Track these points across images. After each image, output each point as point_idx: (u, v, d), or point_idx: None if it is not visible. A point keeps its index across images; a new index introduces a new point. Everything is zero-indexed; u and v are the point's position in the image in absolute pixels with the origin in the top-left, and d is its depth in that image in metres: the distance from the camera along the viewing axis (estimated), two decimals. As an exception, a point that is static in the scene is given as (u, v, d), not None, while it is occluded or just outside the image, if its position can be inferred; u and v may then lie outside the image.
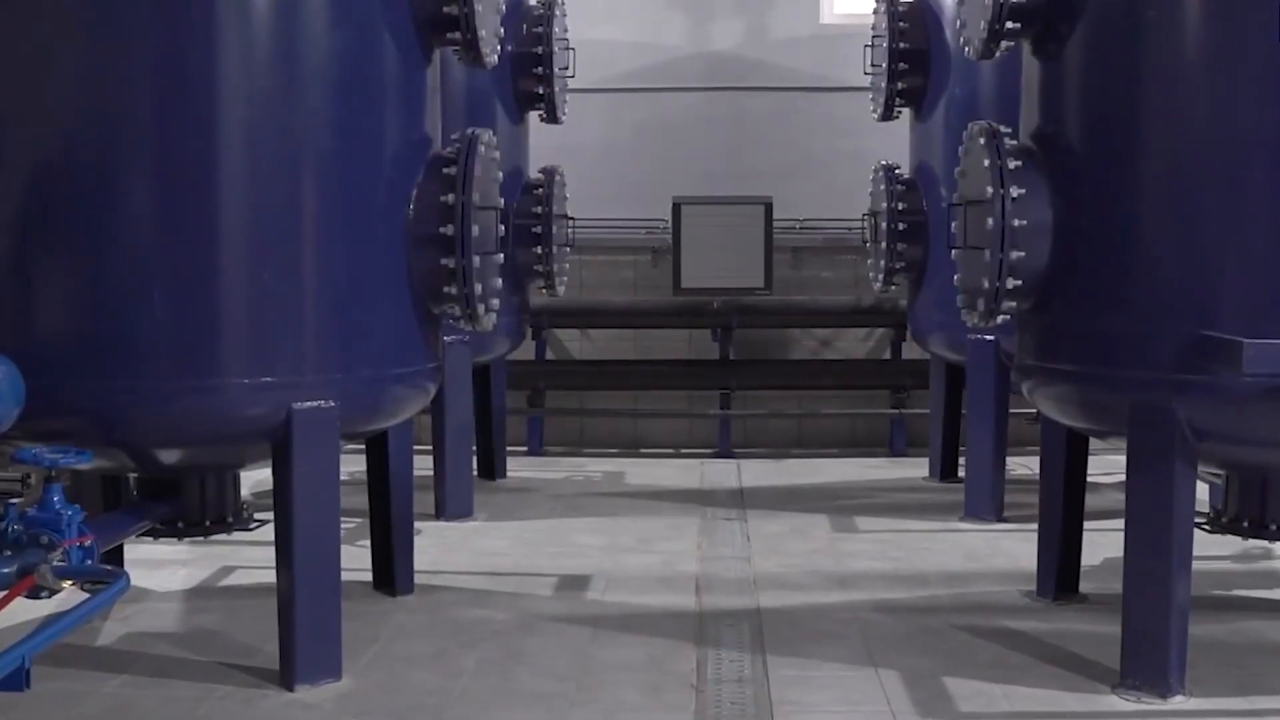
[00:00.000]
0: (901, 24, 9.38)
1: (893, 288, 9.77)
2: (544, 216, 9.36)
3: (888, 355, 12.17)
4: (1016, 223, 5.78)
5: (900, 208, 9.42)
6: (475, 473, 9.91)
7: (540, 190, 9.45)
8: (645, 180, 12.19)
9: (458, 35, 6.06)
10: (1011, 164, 5.86)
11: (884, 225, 9.50)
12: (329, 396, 5.56)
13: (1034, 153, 5.99)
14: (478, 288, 5.95)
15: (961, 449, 9.92)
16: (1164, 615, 5.45)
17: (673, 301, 11.93)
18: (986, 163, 5.89)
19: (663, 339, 12.21)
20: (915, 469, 10.77)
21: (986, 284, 5.88)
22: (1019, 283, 5.84)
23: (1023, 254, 5.79)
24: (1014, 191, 5.80)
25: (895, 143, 10.18)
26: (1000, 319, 6.03)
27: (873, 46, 9.83)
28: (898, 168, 9.67)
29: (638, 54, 12.34)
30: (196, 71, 5.37)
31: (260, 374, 5.46)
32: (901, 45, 9.36)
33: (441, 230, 5.89)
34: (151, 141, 5.36)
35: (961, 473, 9.89)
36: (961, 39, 6.59)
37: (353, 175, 5.71)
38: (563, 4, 9.72)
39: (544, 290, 9.69)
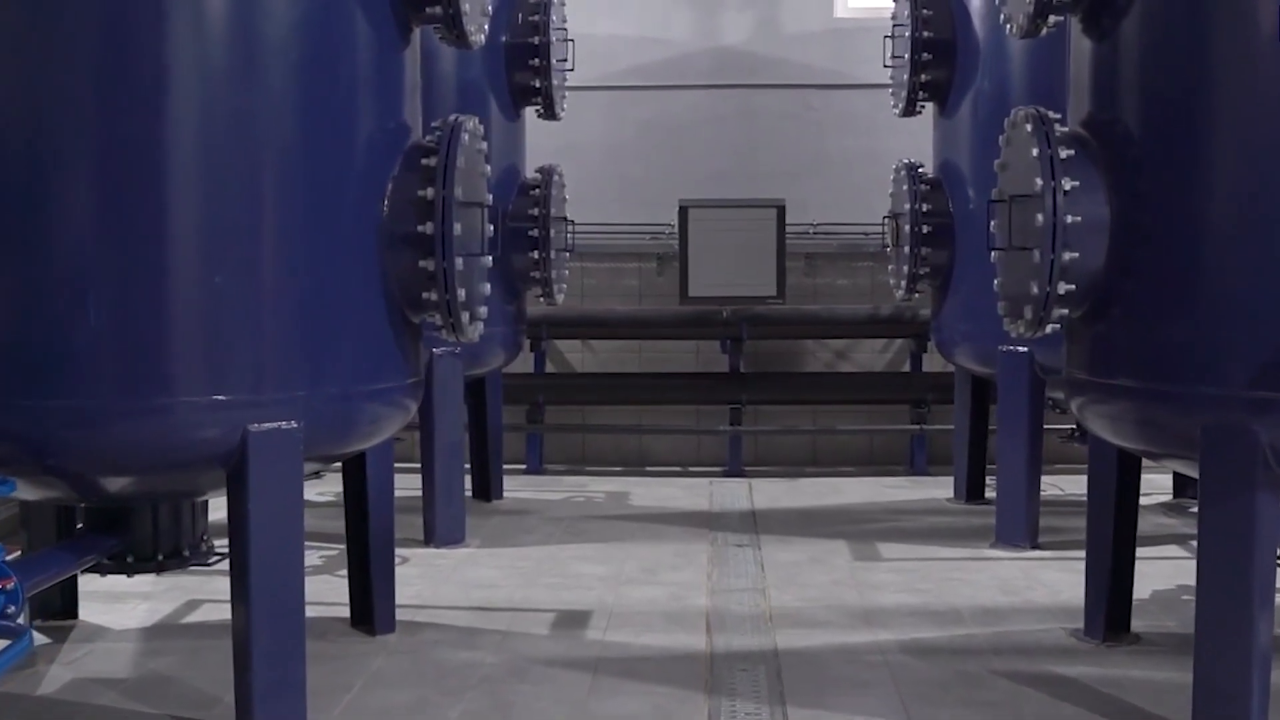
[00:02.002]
0: (925, 11, 8.75)
1: (916, 295, 9.15)
2: (541, 219, 8.76)
3: (907, 368, 11.65)
4: (1070, 219, 5.13)
5: (924, 209, 8.80)
6: (469, 494, 9.33)
7: (537, 191, 8.86)
8: (650, 182, 11.68)
9: (438, 10, 5.42)
10: (1063, 153, 5.21)
11: (906, 228, 8.89)
12: (291, 417, 4.91)
13: (1087, 142, 5.33)
14: (460, 293, 5.31)
15: (989, 468, 9.40)
16: (1243, 665, 4.76)
17: (679, 311, 11.43)
18: (1035, 152, 5.24)
19: (669, 351, 11.71)
20: (938, 489, 10.15)
21: (1035, 289, 5.22)
22: (1072, 287, 5.18)
23: (1076, 255, 5.14)
24: (1066, 184, 5.15)
25: (915, 142, 9.63)
26: (1050, 328, 5.37)
27: (893, 37, 9.22)
28: (920, 166, 9.06)
29: (642, 49, 11.82)
30: (138, 45, 4.72)
31: (212, 391, 4.81)
32: (925, 34, 8.74)
33: (420, 229, 5.25)
34: (87, 126, 4.71)
35: (989, 494, 9.39)
36: (1002, 16, 5.94)
37: (318, 166, 5.06)
38: (561, -10, 9.11)
39: (542, 298, 9.10)
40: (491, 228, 5.79)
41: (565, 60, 9.11)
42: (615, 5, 11.68)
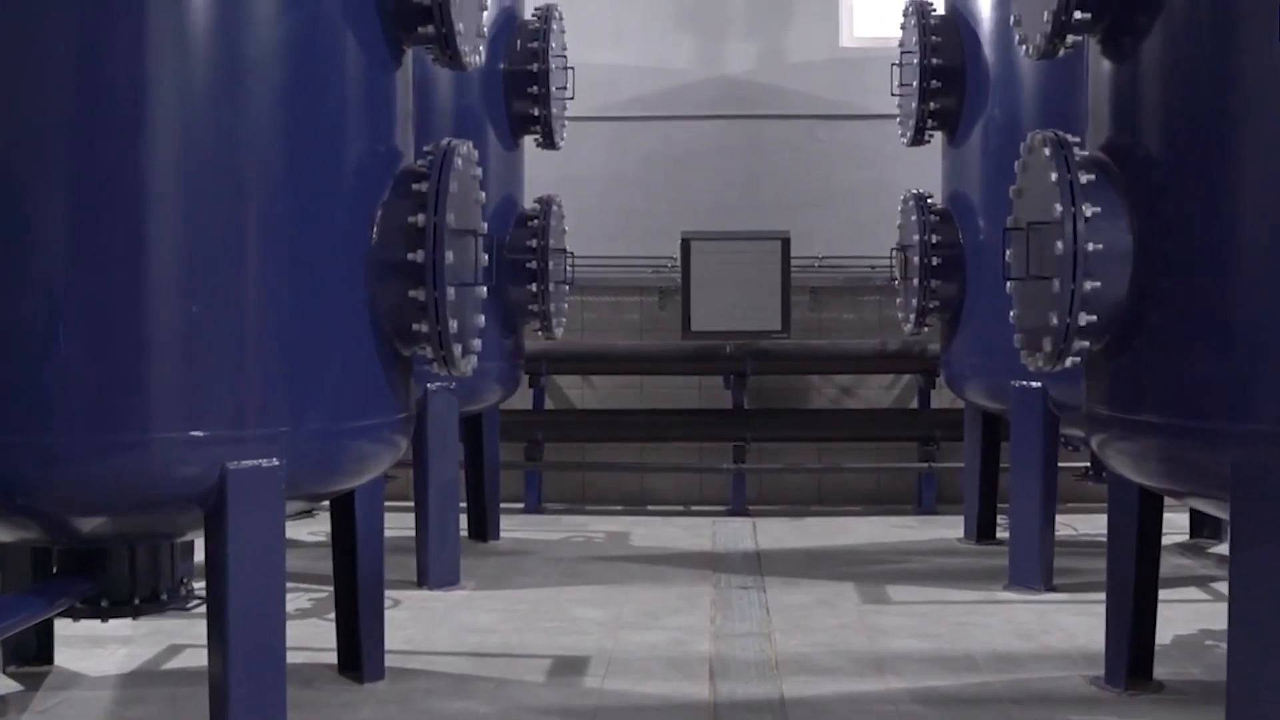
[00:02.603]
0: (934, 38, 8.54)
1: (925, 329, 8.90)
2: (539, 250, 8.54)
3: (915, 404, 11.37)
4: (1091, 247, 4.90)
5: (934, 241, 8.56)
6: (465, 534, 9.06)
7: (535, 222, 8.63)
8: (652, 215, 11.43)
9: (430, 29, 5.20)
10: (1083, 178, 4.99)
11: (915, 260, 8.65)
12: (272, 454, 4.67)
13: (1107, 166, 5.11)
14: (452, 324, 5.07)
15: (1000, 507, 9.14)
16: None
17: (682, 346, 11.18)
18: (1054, 177, 5.01)
19: (671, 386, 11.43)
20: (948, 529, 9.85)
21: (1054, 320, 4.98)
22: (1093, 318, 4.95)
23: (1098, 284, 4.91)
24: (1087, 210, 4.93)
25: (923, 173, 9.42)
26: (1070, 361, 5.13)
27: (901, 65, 9.01)
28: (929, 197, 8.83)
29: (644, 79, 11.58)
30: (116, 64, 4.51)
31: (188, 427, 4.57)
32: (934, 62, 8.52)
33: (410, 257, 5.02)
34: (59, 149, 4.50)
35: (1000, 534, 9.11)
36: (1017, 37, 5.72)
37: (304, 191, 4.84)
38: (561, 19, 8.91)
39: (540, 332, 8.86)
40: (486, 257, 5.57)
41: (565, 88, 8.91)
42: (617, 35, 11.46)
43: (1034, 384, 7.79)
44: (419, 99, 7.99)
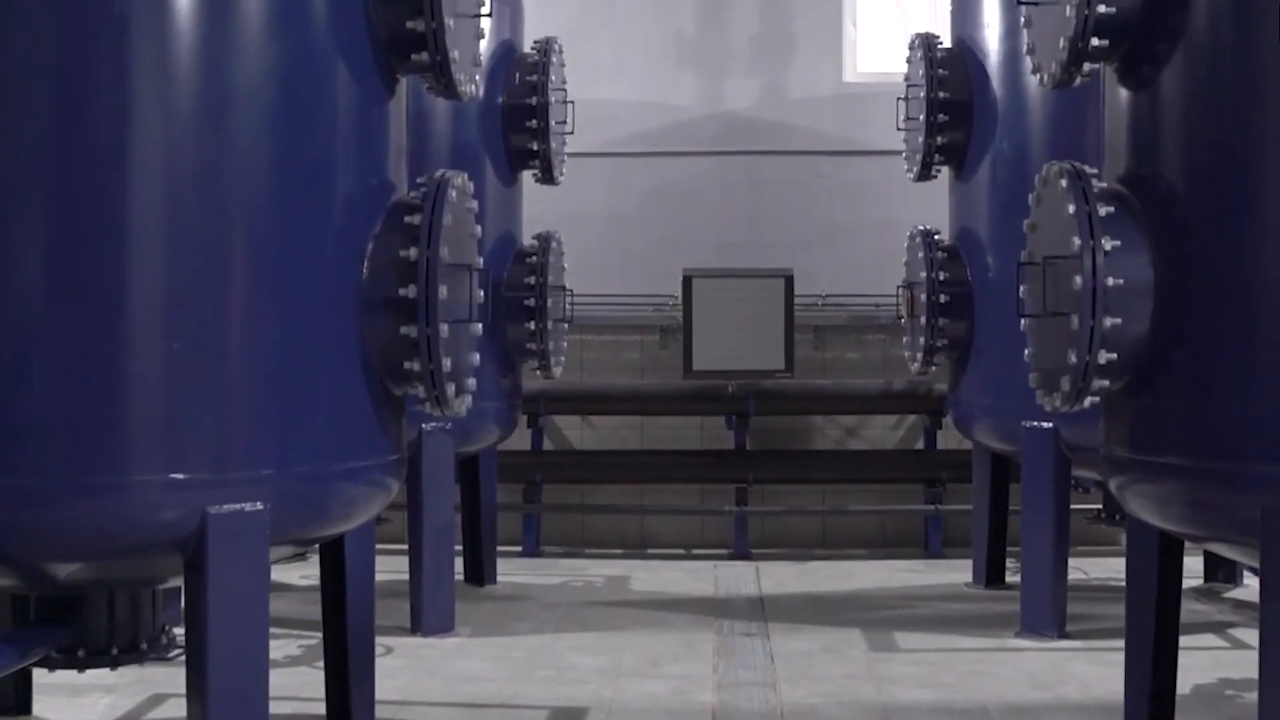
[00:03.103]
0: (940, 71, 8.40)
1: (932, 369, 8.71)
2: (538, 288, 8.36)
3: (921, 445, 11.19)
4: (1111, 282, 4.69)
5: (941, 278, 8.38)
6: (461, 578, 8.86)
7: (534, 259, 8.46)
8: (653, 252, 11.28)
9: (424, 56, 5.01)
10: (1102, 210, 4.79)
11: (923, 298, 8.47)
12: (256, 498, 4.45)
13: (1127, 199, 4.91)
14: (446, 363, 4.86)
15: (1010, 550, 8.95)
16: (1314, 779, 4.28)
17: (683, 386, 10.99)
18: (1071, 209, 4.81)
19: (672, 427, 11.24)
20: (956, 573, 9.65)
21: (1073, 358, 4.77)
22: (1113, 356, 4.74)
23: (1118, 320, 4.70)
24: (1107, 244, 4.73)
25: (929, 211, 9.26)
26: (1089, 401, 4.92)
27: (907, 99, 8.85)
28: (937, 233, 8.66)
29: (645, 114, 11.46)
30: (98, 87, 4.32)
31: (168, 469, 4.35)
32: (941, 95, 8.37)
33: (401, 292, 4.82)
34: (35, 178, 4.30)
35: (1010, 578, 8.92)
36: (1031, 65, 5.54)
37: (291, 224, 4.64)
38: (560, 52, 8.76)
39: (538, 371, 8.68)
40: (482, 293, 5.37)
41: (564, 122, 8.76)
42: (618, 70, 11.34)
43: (1045, 425, 7.61)
44: (415, 132, 7.84)
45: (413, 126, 7.80)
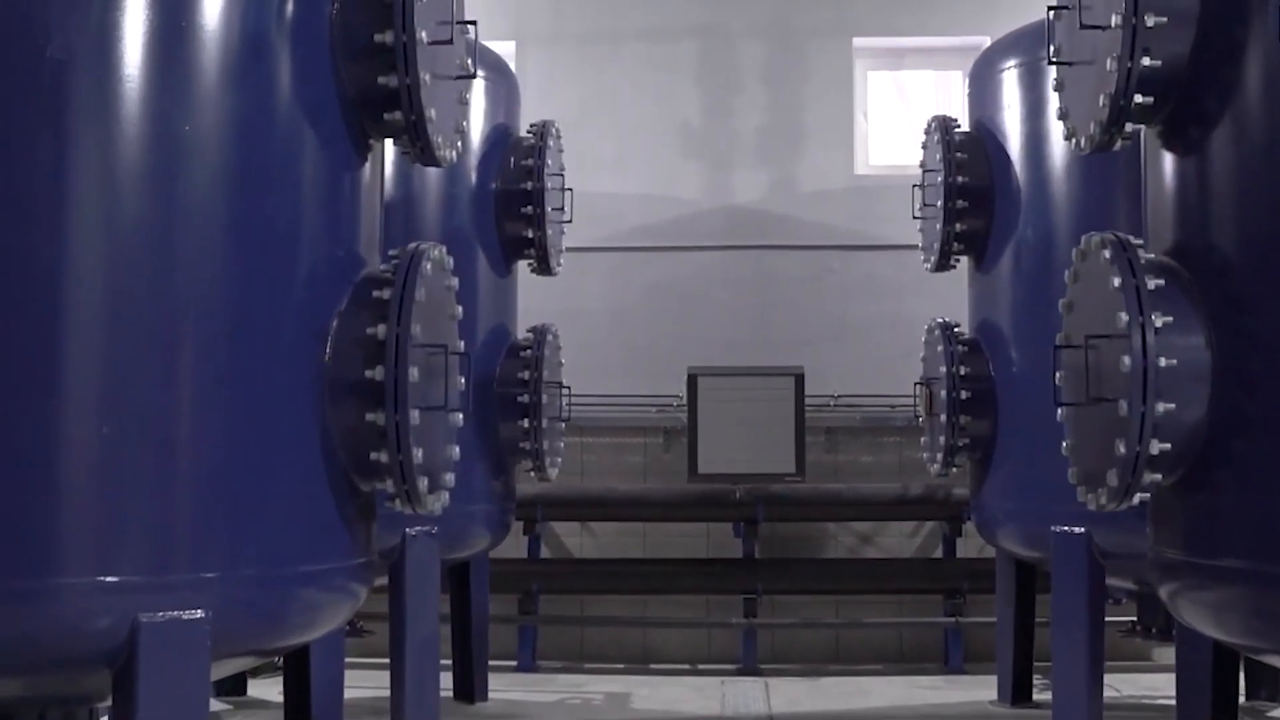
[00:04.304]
0: (959, 155, 7.98)
1: (954, 470, 8.21)
2: (532, 383, 7.89)
3: (939, 553, 10.67)
4: (1163, 362, 4.20)
5: (962, 373, 7.90)
6: (450, 694, 8.30)
7: (528, 352, 8.00)
8: (657, 350, 10.84)
9: (398, 115, 4.57)
10: (1151, 283, 4.31)
11: (943, 394, 7.99)
12: (197, 604, 3.94)
13: (1176, 271, 4.44)
14: (417, 453, 4.37)
15: (1038, 665, 8.40)
16: None
17: (688, 490, 10.53)
18: (1116, 281, 4.34)
19: (676, 534, 10.75)
20: (979, 690, 9.07)
21: (1122, 449, 4.27)
22: (1166, 446, 4.24)
23: (1172, 406, 4.21)
24: (1158, 320, 4.24)
25: (944, 307, 8.85)
26: (1138, 498, 4.41)
27: (923, 185, 8.44)
28: (956, 326, 8.20)
29: (649, 208, 11.07)
30: (28, 141, 3.87)
31: (95, 571, 3.85)
32: (960, 180, 7.94)
33: (368, 374, 4.34)
34: (-46, 241, 3.85)
35: (1039, 695, 8.36)
36: (1065, 130, 5.09)
37: (246, 297, 4.19)
38: (558, 137, 8.38)
39: (533, 473, 8.18)
40: (462, 380, 4.90)
41: (562, 210, 8.36)
42: (620, 161, 11.00)
43: (1077, 529, 7.08)
44: (404, 217, 7.47)
45: (401, 211, 7.48)
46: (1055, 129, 7.39)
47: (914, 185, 8.65)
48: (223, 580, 4.05)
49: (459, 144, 5.12)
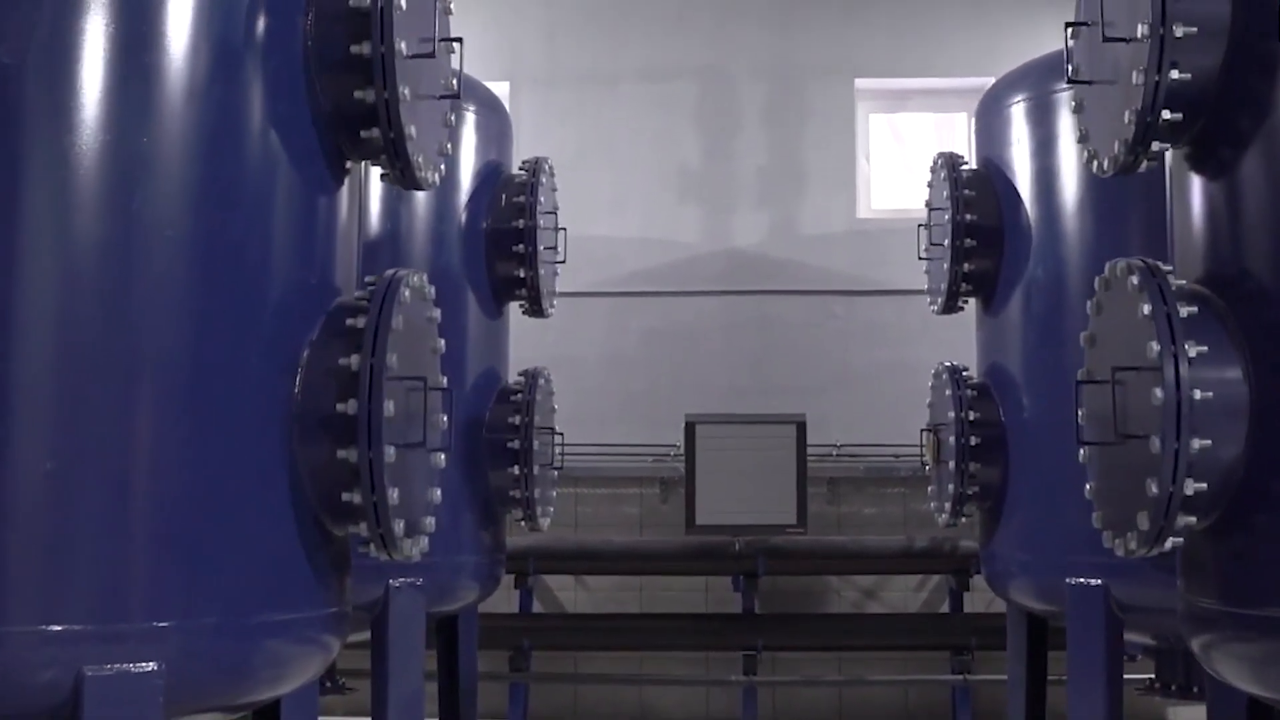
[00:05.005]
0: (967, 192, 7.67)
1: (962, 520, 7.89)
2: (523, 429, 7.56)
3: (946, 608, 10.46)
4: (1199, 395, 3.90)
5: (972, 418, 7.57)
6: (436, 755, 7.96)
7: (519, 396, 7.67)
8: (654, 398, 10.66)
9: (376, 134, 4.28)
10: (1184, 311, 4.01)
11: (951, 441, 7.65)
12: (149, 656, 3.61)
13: (1209, 299, 4.14)
14: (392, 494, 4.05)
15: (1051, 726, 8.05)
16: None
17: (686, 542, 10.27)
18: (1146, 309, 4.03)
19: (674, 588, 10.56)
20: (989, 751, 8.75)
21: (1154, 489, 3.95)
22: (1202, 486, 3.93)
23: (1208, 442, 3.90)
24: (1191, 350, 3.94)
25: (949, 354, 8.51)
26: (1170, 543, 4.09)
27: (929, 225, 8.14)
28: (965, 370, 7.89)
29: (646, 251, 10.91)
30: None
31: (37, 619, 3.52)
32: (968, 218, 7.63)
33: (339, 408, 4.03)
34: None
35: (1053, 757, 7.98)
36: (1085, 153, 4.81)
37: (207, 326, 3.87)
38: (552, 174, 8.10)
39: (524, 523, 7.84)
40: (445, 418, 4.61)
41: (555, 249, 8.06)
42: (617, 204, 10.83)
43: (1094, 581, 6.75)
44: (390, 256, 7.17)
45: (388, 248, 7.19)
46: (1067, 164, 7.18)
47: (919, 225, 8.38)
48: (178, 630, 3.72)
49: (442, 167, 4.84)
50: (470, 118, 7.58)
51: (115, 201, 3.73)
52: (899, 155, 11.20)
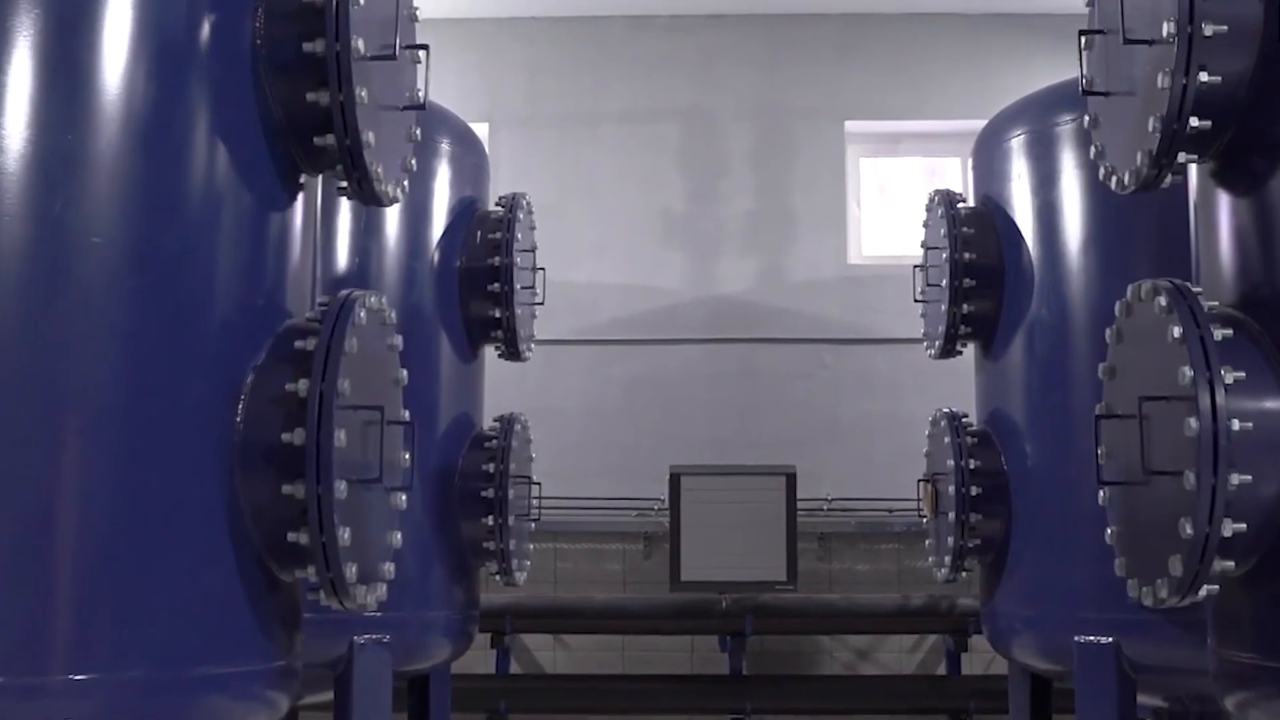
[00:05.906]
0: (966, 230, 7.33)
1: (963, 574, 7.50)
2: (497, 476, 7.15)
3: (943, 670, 10.04)
4: (1237, 425, 3.52)
5: (972, 466, 7.20)
6: (405, 824, 7.51)
7: (494, 443, 7.27)
8: (637, 450, 10.29)
9: (330, 140, 3.92)
10: (1218, 334, 3.65)
11: (950, 491, 7.28)
12: (72, 712, 3.25)
13: (1243, 323, 3.78)
14: (343, 534, 3.65)
15: (1056, 794, 7.64)
16: None
17: (670, 600, 9.88)
18: (1177, 333, 3.67)
19: (658, 648, 10.19)
20: (989, 821, 8.33)
21: (1188, 529, 3.57)
22: (1241, 527, 3.55)
23: (1248, 479, 3.52)
24: (1228, 376, 3.57)
25: (944, 404, 8.22)
26: (1204, 591, 3.71)
27: (925, 266, 7.80)
28: (964, 416, 7.53)
29: (629, 298, 10.59)
30: None
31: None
32: (967, 257, 7.28)
33: (285, 438, 3.64)
34: None
35: (1057, 827, 7.56)
36: (1101, 171, 4.46)
37: (139, 346, 3.51)
38: (530, 211, 7.75)
39: (498, 576, 7.43)
40: (407, 455, 4.22)
41: (533, 289, 7.69)
42: (599, 249, 10.52)
43: (1103, 639, 6.37)
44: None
45: (355, 286, 6.82)
46: (1070, 200, 6.86)
47: (915, 266, 8.05)
48: (103, 684, 3.33)
49: (405, 184, 4.49)
50: (445, 149, 7.24)
51: (35, 203, 3.36)
52: (894, 200, 10.92)
